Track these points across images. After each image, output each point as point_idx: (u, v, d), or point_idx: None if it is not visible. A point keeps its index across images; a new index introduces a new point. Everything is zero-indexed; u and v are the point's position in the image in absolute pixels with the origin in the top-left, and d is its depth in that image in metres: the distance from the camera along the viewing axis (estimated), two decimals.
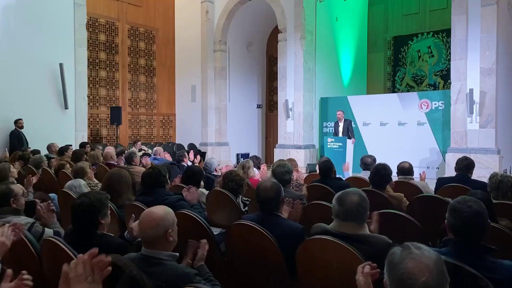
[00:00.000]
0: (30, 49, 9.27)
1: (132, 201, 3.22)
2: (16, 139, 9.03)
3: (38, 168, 6.02)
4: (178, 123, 14.68)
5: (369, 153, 7.48)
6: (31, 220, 2.79)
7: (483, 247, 1.82)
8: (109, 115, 12.40)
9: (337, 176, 4.76)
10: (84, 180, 4.53)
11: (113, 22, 12.93)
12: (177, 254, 1.93)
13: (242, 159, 12.19)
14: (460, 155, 5.40)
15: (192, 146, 13.14)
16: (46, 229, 2.80)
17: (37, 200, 3.04)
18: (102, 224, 2.18)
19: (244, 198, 3.76)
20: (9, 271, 1.53)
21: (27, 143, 9.06)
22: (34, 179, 4.79)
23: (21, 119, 9.05)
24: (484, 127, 8.56)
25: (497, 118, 8.54)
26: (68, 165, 5.89)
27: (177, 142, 14.06)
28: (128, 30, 13.32)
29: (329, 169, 4.10)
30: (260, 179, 4.78)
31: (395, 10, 13.48)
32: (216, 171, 5.34)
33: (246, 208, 3.62)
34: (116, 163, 6.26)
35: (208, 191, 3.99)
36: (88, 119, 10.97)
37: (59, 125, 9.75)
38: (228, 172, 3.90)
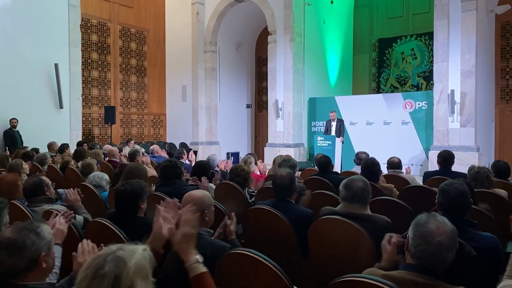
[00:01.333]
0: (26, 49, 9.38)
1: (151, 192, 3.52)
2: (9, 138, 9.11)
3: (42, 165, 6.21)
4: (169, 123, 14.91)
5: (356, 152, 7.88)
6: (63, 207, 3.06)
7: (467, 221, 2.21)
8: (101, 115, 12.56)
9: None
10: None
11: (105, 23, 13.08)
12: (212, 230, 2.26)
13: (232, 157, 12.55)
14: None
15: (183, 145, 13.37)
16: (77, 215, 3.08)
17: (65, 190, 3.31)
18: (142, 208, 2.49)
19: (250, 190, 4.11)
20: (102, 246, 1.84)
21: (22, 142, 9.17)
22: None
23: (14, 118, 9.14)
24: (464, 126, 9.07)
25: (477, 118, 9.05)
26: (72, 162, 6.14)
27: (168, 141, 14.29)
28: (119, 31, 13.48)
29: (327, 164, 4.48)
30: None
31: (380, 13, 13.96)
32: (218, 166, 5.66)
33: (253, 199, 3.96)
34: (118, 161, 6.51)
35: (215, 186, 4.32)
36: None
37: (54, 124, 9.87)
38: (234, 167, 4.25)
